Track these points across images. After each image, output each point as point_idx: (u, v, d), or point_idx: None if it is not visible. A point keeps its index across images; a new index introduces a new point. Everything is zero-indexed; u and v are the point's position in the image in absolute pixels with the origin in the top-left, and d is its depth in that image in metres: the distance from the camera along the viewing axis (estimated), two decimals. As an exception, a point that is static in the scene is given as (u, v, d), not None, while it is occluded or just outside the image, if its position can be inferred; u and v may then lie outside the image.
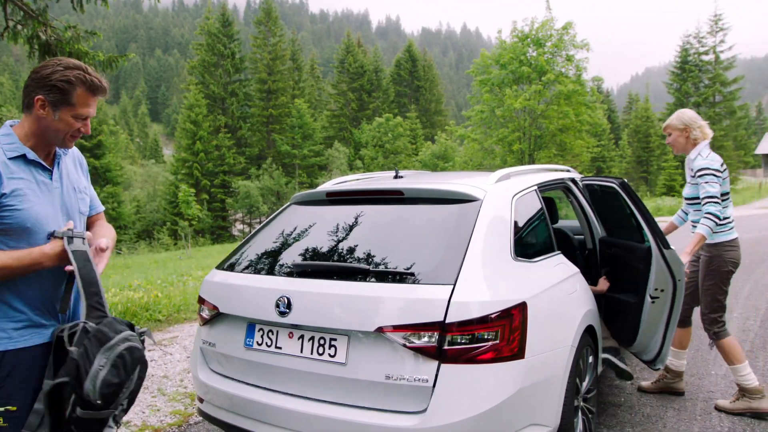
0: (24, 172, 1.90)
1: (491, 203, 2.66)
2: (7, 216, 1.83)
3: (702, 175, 3.52)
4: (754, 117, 66.83)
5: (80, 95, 1.92)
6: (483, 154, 26.19)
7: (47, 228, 1.92)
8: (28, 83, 1.93)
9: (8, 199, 1.83)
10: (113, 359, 1.82)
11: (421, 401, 2.20)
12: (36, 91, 1.90)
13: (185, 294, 7.51)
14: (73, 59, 1.98)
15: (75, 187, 2.09)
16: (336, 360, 2.36)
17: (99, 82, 1.97)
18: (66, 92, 1.90)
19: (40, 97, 1.89)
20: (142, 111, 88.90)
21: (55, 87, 1.89)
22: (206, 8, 47.29)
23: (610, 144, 46.00)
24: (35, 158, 1.93)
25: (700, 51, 39.72)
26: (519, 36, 24.81)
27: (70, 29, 6.41)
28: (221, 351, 2.77)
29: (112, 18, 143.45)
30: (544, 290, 2.61)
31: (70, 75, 1.89)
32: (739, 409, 3.50)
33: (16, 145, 1.90)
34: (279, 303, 2.49)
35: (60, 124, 1.94)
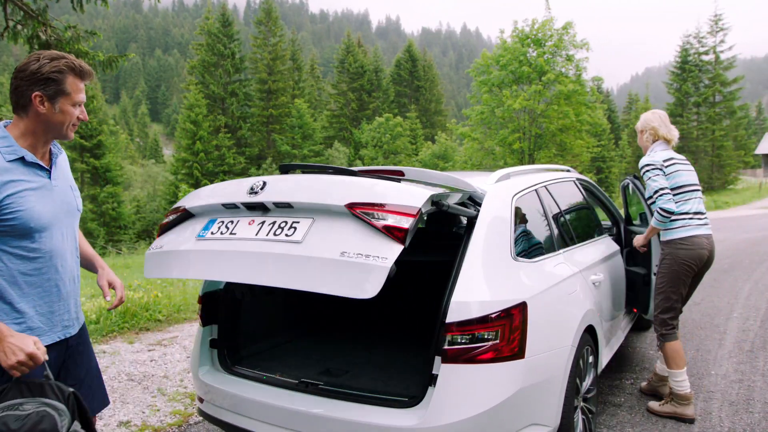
0: (23, 174, 1.91)
1: (491, 203, 2.66)
2: (11, 218, 1.85)
3: (644, 173, 3.55)
4: (754, 117, 66.78)
5: (72, 82, 1.95)
6: (483, 153, 26.20)
7: (50, 227, 1.94)
8: (17, 84, 1.91)
9: (10, 201, 1.85)
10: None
11: (376, 284, 1.98)
12: (31, 88, 1.90)
13: (185, 294, 7.51)
14: (52, 50, 1.99)
15: (70, 185, 2.11)
16: (292, 239, 2.20)
17: (85, 66, 1.99)
18: (60, 82, 1.92)
19: (38, 93, 1.90)
20: (142, 111, 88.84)
21: (49, 80, 1.90)
22: (206, 8, 47.28)
23: (610, 144, 45.91)
24: (33, 160, 1.94)
25: (700, 51, 39.75)
26: (519, 36, 24.82)
27: (70, 29, 6.41)
28: (167, 249, 2.53)
29: (112, 18, 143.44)
30: (545, 290, 2.61)
31: (59, 65, 1.91)
32: (666, 412, 3.51)
33: (14, 148, 1.91)
34: (254, 186, 2.39)
35: (61, 116, 1.95)
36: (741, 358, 4.62)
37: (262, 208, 2.38)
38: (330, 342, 3.60)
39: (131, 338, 5.66)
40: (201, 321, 3.02)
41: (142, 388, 4.28)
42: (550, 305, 2.65)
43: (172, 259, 2.50)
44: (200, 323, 3.03)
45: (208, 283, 3.05)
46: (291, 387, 2.64)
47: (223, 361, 2.93)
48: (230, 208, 2.47)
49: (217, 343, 2.97)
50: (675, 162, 3.59)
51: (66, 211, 2.03)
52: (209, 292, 3.02)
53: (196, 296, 7.16)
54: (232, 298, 3.03)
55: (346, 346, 3.50)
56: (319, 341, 3.60)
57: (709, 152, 39.57)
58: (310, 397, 2.54)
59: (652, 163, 3.53)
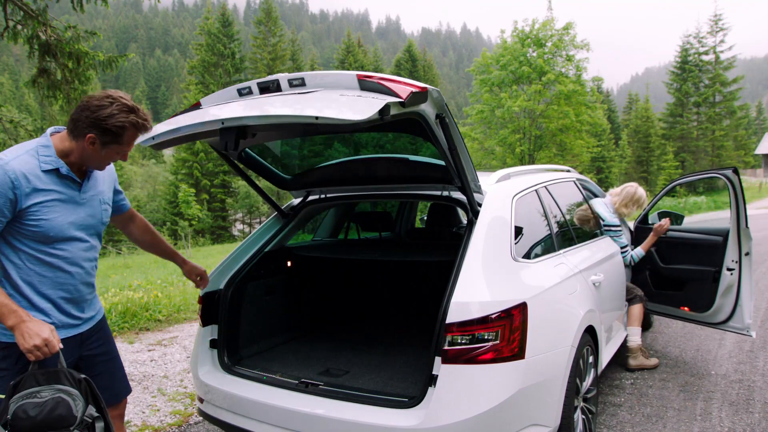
0: (55, 184, 2.00)
1: (491, 203, 2.66)
2: (34, 224, 1.95)
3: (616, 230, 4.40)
4: (754, 117, 66.77)
5: (130, 136, 2.03)
6: (483, 153, 26.22)
7: (69, 237, 2.04)
8: (81, 116, 1.97)
9: (36, 209, 1.95)
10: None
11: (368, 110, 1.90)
12: (89, 129, 1.97)
13: (185, 294, 7.51)
14: (126, 98, 2.03)
15: (101, 198, 2.19)
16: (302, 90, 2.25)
17: (148, 123, 2.08)
18: (118, 135, 1.99)
19: (92, 136, 1.98)
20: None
21: (110, 131, 1.97)
22: (206, 8, 47.24)
23: (610, 144, 45.90)
24: (68, 173, 2.02)
25: (700, 51, 39.77)
26: (519, 36, 24.83)
27: (70, 29, 6.41)
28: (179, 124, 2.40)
29: (112, 18, 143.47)
30: (545, 290, 2.61)
31: (125, 121, 1.98)
32: (635, 365, 4.30)
33: (52, 159, 1.99)
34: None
35: (104, 157, 2.05)
36: (741, 358, 4.62)
37: (276, 87, 2.34)
38: (330, 342, 3.60)
39: (131, 338, 5.66)
40: (201, 321, 3.02)
41: (142, 388, 4.28)
42: (551, 305, 2.65)
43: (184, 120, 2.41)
44: (200, 323, 3.03)
45: (209, 283, 3.05)
46: (291, 387, 2.64)
47: (223, 361, 2.93)
48: (245, 94, 2.42)
49: (217, 344, 2.97)
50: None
51: (89, 224, 2.12)
52: (209, 292, 3.01)
53: (196, 296, 7.16)
54: (232, 298, 3.03)
55: (346, 347, 3.50)
56: (319, 341, 3.60)
57: (709, 152, 39.57)
58: (310, 397, 2.54)
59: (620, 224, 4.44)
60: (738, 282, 3.93)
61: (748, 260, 3.92)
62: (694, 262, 4.29)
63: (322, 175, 3.35)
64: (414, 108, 2.03)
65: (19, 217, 1.94)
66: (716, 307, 4.07)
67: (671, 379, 4.18)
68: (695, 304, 4.23)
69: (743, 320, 3.94)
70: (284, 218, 3.45)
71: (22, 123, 8.17)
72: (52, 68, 6.44)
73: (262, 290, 3.37)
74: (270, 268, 3.41)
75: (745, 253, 3.90)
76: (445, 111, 2.19)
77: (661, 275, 4.53)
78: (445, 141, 2.29)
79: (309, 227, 4.47)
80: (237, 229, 43.56)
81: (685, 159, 39.24)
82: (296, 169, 3.46)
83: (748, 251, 3.91)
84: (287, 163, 3.45)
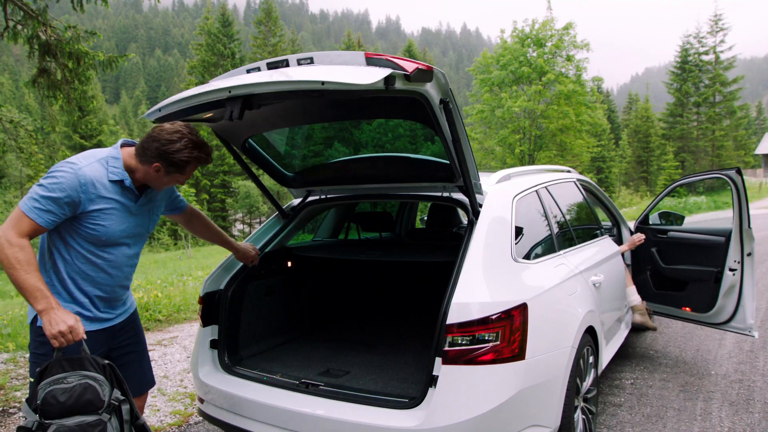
0: (117, 194, 2.16)
1: (492, 204, 2.66)
2: (92, 228, 2.12)
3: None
4: (754, 117, 66.74)
5: (192, 168, 2.23)
6: (483, 153, 26.22)
7: (118, 244, 2.22)
8: (151, 146, 2.13)
9: (97, 215, 2.12)
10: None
11: (372, 77, 1.90)
12: (157, 158, 2.14)
13: (185, 294, 7.51)
14: (194, 133, 2.18)
15: (152, 210, 2.36)
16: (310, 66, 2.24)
17: (210, 158, 2.27)
18: (182, 167, 2.18)
19: (158, 165, 2.15)
20: (142, 111, 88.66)
21: (175, 163, 2.15)
22: (206, 8, 47.23)
23: (610, 144, 45.88)
24: (130, 186, 2.19)
25: (700, 51, 39.75)
26: (519, 36, 24.83)
27: (70, 29, 6.40)
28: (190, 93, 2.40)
29: (112, 18, 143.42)
30: (545, 291, 2.61)
31: (190, 156, 2.16)
32: (637, 321, 4.47)
33: (120, 171, 2.16)
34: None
35: (165, 182, 2.24)
36: (741, 358, 4.62)
37: (285, 65, 2.33)
38: (330, 343, 3.60)
39: (131, 338, 5.65)
40: (201, 321, 3.02)
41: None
42: (551, 306, 2.65)
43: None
44: (201, 323, 3.03)
45: (209, 284, 3.05)
46: (291, 388, 2.64)
47: (224, 361, 2.93)
48: (253, 71, 2.41)
49: (217, 344, 2.97)
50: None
51: (137, 233, 2.30)
52: (209, 293, 3.02)
53: (196, 296, 7.16)
54: (232, 299, 3.03)
55: (347, 347, 3.50)
56: (319, 342, 3.60)
57: (709, 152, 39.56)
58: (311, 397, 2.54)
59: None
60: (740, 282, 3.93)
61: (751, 260, 3.92)
62: (695, 263, 4.29)
63: (324, 173, 3.35)
64: (419, 86, 2.03)
65: (79, 218, 2.10)
66: (718, 307, 4.07)
67: (671, 379, 4.18)
68: (697, 305, 4.24)
69: (745, 320, 3.95)
70: (285, 218, 3.45)
71: (22, 123, 8.17)
72: (52, 68, 6.44)
73: (263, 290, 3.37)
74: (270, 269, 3.41)
75: (748, 254, 3.91)
76: (450, 97, 2.19)
77: (663, 276, 4.52)
78: (448, 130, 2.28)
79: (309, 227, 4.47)
80: (237, 229, 43.56)
81: (685, 159, 39.23)
82: (297, 168, 3.46)
83: (750, 251, 3.91)
84: (288, 162, 3.45)
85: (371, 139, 3.21)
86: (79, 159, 2.13)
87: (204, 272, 11.03)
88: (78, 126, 35.97)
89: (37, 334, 2.14)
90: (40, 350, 2.14)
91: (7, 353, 5.07)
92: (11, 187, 35.71)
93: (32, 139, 8.79)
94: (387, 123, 3.14)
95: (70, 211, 2.06)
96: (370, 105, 2.65)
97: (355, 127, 3.24)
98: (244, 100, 2.17)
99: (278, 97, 2.19)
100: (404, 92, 2.03)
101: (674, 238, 4.51)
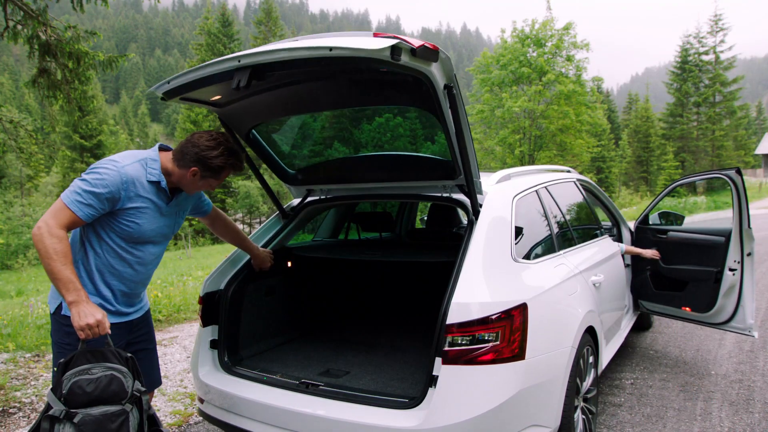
0: (152, 194, 2.27)
1: (492, 204, 2.66)
2: (127, 225, 2.23)
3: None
4: (754, 117, 66.73)
5: (226, 173, 2.35)
6: (483, 153, 26.21)
7: (147, 242, 2.32)
8: (190, 150, 2.27)
9: (133, 212, 2.22)
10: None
11: (384, 43, 1.93)
12: (195, 163, 2.27)
13: (185, 294, 7.51)
14: (230, 141, 2.32)
15: (179, 213, 2.47)
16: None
17: (243, 167, 2.41)
18: (218, 172, 2.32)
19: (195, 169, 2.28)
20: (142, 111, 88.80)
21: (212, 168, 2.29)
22: (206, 8, 47.23)
23: (610, 144, 45.87)
24: (165, 187, 2.30)
25: (700, 51, 39.74)
26: (519, 36, 24.82)
27: (70, 29, 6.39)
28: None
29: (112, 18, 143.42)
30: (545, 291, 2.61)
31: (227, 163, 2.30)
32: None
33: (157, 173, 2.27)
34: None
35: (199, 186, 2.36)
36: (741, 358, 4.62)
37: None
38: (330, 343, 3.60)
39: (131, 338, 5.65)
40: (201, 321, 3.02)
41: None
42: (551, 306, 2.64)
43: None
44: (201, 323, 3.03)
45: (209, 284, 3.05)
46: (291, 388, 2.64)
47: (224, 361, 2.93)
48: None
49: (217, 344, 2.97)
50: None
51: (165, 233, 2.40)
52: (209, 293, 3.02)
53: (196, 296, 7.16)
54: (232, 299, 3.03)
55: (347, 347, 3.50)
56: (319, 342, 3.60)
57: (709, 152, 39.55)
58: (311, 397, 2.54)
59: None
60: (740, 282, 3.93)
61: (751, 260, 3.92)
62: (695, 263, 4.28)
63: (324, 171, 3.36)
64: (424, 64, 2.04)
65: (115, 214, 2.20)
66: (718, 307, 4.07)
67: (671, 379, 4.18)
68: (697, 305, 4.22)
69: (745, 320, 3.94)
70: (285, 218, 3.45)
71: (22, 123, 8.16)
72: (52, 68, 6.43)
73: (263, 290, 3.37)
74: (270, 269, 3.41)
75: (747, 254, 3.91)
76: (454, 83, 2.20)
77: (662, 276, 4.52)
78: (451, 119, 2.28)
79: (309, 227, 4.47)
80: (237, 229, 43.47)
81: (685, 159, 39.21)
82: (297, 165, 3.47)
83: (750, 251, 3.91)
84: (289, 162, 3.46)
85: (371, 139, 3.21)
86: (121, 158, 2.24)
87: (204, 272, 11.03)
88: (78, 126, 35.97)
89: (63, 323, 2.21)
90: (65, 340, 2.21)
91: (7, 353, 5.07)
92: (11, 187, 35.71)
93: (32, 139, 8.78)
94: (387, 123, 3.14)
95: (109, 206, 2.16)
96: (374, 89, 2.65)
97: (355, 127, 3.24)
98: (253, 69, 2.18)
99: (287, 66, 2.17)
100: (409, 70, 2.03)
101: (674, 238, 4.50)
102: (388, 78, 2.34)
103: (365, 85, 2.60)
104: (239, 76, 2.19)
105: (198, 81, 2.37)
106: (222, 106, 2.82)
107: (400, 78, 2.27)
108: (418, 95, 2.39)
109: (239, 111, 2.88)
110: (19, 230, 27.42)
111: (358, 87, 2.64)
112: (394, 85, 2.49)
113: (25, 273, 22.09)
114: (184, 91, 2.48)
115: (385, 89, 2.61)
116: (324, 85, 2.61)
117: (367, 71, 2.32)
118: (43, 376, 4.53)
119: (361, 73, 2.40)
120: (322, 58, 2.00)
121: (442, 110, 2.23)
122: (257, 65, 2.17)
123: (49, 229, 2.05)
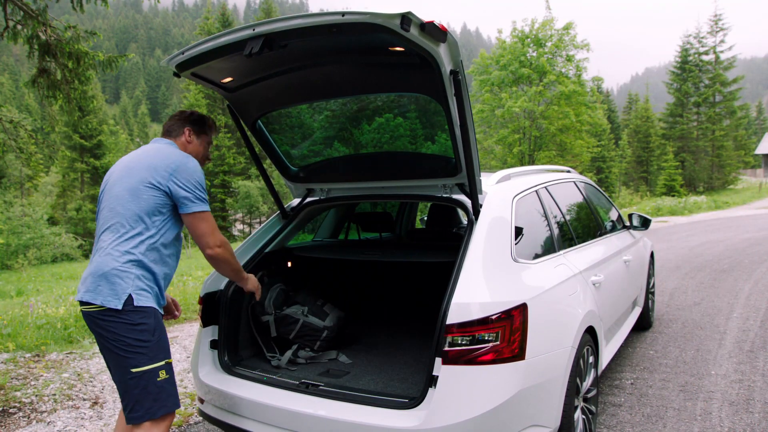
0: None
1: (492, 204, 2.67)
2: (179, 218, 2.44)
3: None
4: (754, 117, 66.74)
5: (210, 125, 2.70)
6: (482, 153, 26.20)
7: (180, 237, 2.51)
8: (174, 122, 2.64)
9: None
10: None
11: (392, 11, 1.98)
12: (184, 124, 2.64)
13: (185, 294, 7.51)
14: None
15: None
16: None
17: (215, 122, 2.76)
18: (203, 124, 2.67)
19: (188, 129, 2.63)
20: (142, 111, 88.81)
21: (197, 121, 2.66)
22: (206, 8, 47.23)
23: (610, 144, 45.83)
24: None
25: (700, 51, 39.70)
26: (519, 36, 24.80)
27: (70, 29, 6.39)
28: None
29: (112, 18, 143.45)
30: (545, 291, 2.61)
31: (203, 115, 2.67)
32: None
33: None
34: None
35: (197, 145, 2.68)
36: (741, 358, 4.62)
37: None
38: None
39: (131, 338, 5.65)
40: (201, 321, 3.02)
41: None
42: (551, 306, 2.65)
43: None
44: (200, 324, 3.03)
45: (209, 284, 3.05)
46: (291, 388, 2.64)
47: (224, 361, 2.93)
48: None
49: (217, 344, 2.97)
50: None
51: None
52: (209, 293, 3.02)
53: (196, 296, 7.16)
54: (232, 299, 3.03)
55: (347, 347, 3.49)
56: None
57: (709, 152, 39.54)
58: (311, 398, 2.54)
59: None
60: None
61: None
62: None
63: (325, 169, 3.37)
64: (432, 43, 2.05)
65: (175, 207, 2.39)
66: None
67: (671, 379, 4.18)
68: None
69: None
70: (285, 218, 3.46)
71: (21, 123, 8.16)
72: (52, 68, 6.43)
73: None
74: (270, 269, 3.41)
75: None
76: (461, 69, 2.21)
77: None
78: (455, 108, 2.29)
79: (309, 228, 4.48)
80: (237, 229, 43.54)
81: (685, 159, 39.19)
82: (299, 163, 3.49)
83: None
84: (290, 158, 3.47)
85: (371, 139, 3.21)
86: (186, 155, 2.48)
87: (204, 272, 11.02)
88: (78, 126, 35.94)
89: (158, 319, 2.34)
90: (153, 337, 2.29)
91: (7, 353, 5.07)
92: (11, 187, 35.68)
93: (32, 139, 8.78)
94: (387, 123, 3.14)
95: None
96: (381, 75, 2.67)
97: (355, 127, 3.25)
98: (266, 38, 2.21)
99: (300, 35, 2.19)
100: (416, 46, 2.05)
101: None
102: (394, 61, 2.35)
103: (372, 69, 2.61)
104: (252, 44, 2.22)
105: (212, 52, 2.38)
106: (232, 91, 2.84)
107: (406, 61, 2.28)
108: (425, 81, 2.40)
109: (247, 97, 2.92)
110: (19, 230, 27.35)
111: (364, 72, 2.65)
112: (400, 69, 2.51)
113: (25, 273, 22.07)
114: (198, 63, 2.48)
115: (392, 74, 2.61)
116: (331, 70, 2.64)
117: (374, 51, 2.34)
118: (44, 376, 4.53)
119: (368, 54, 2.41)
120: (334, 25, 2.04)
121: (447, 97, 2.24)
122: (271, 33, 2.20)
123: (224, 242, 2.43)
